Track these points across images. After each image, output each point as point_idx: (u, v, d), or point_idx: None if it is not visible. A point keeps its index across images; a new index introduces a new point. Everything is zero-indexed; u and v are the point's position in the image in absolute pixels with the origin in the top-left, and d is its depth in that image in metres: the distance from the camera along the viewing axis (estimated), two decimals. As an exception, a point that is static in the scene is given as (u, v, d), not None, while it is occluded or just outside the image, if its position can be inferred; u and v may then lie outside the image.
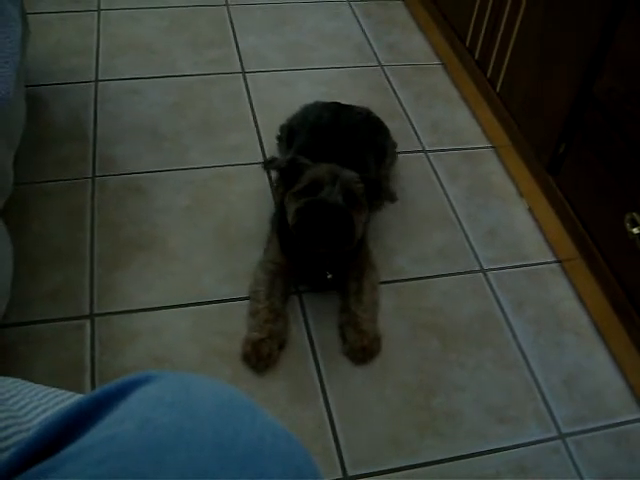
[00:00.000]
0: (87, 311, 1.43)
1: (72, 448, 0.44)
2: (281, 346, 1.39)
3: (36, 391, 0.63)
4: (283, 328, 1.40)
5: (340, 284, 1.48)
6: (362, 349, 1.38)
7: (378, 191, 1.41)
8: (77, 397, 0.63)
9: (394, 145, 1.76)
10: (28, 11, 1.83)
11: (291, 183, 1.38)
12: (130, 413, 0.45)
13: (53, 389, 0.65)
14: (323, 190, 1.32)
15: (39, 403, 0.60)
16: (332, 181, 1.33)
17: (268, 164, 1.47)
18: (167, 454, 0.42)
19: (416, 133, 1.97)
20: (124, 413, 0.46)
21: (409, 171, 1.83)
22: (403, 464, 1.25)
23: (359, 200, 1.36)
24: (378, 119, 1.73)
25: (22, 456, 0.45)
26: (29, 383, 0.65)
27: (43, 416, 0.58)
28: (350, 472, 1.23)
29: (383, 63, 2.22)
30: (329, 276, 1.45)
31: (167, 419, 0.44)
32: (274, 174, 1.46)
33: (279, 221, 1.47)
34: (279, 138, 1.77)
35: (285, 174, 1.40)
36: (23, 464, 0.45)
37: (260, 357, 1.34)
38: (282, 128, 1.76)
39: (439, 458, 1.27)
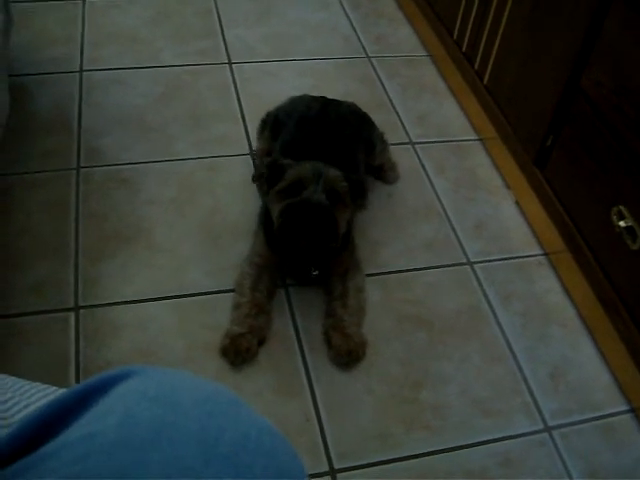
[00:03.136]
0: (72, 304, 1.42)
1: (51, 445, 0.43)
2: (261, 342, 1.38)
3: (19, 385, 0.62)
4: (264, 323, 1.39)
5: (325, 280, 1.48)
6: (348, 353, 1.36)
7: (362, 190, 1.41)
8: (60, 392, 0.62)
9: (381, 135, 1.74)
10: (11, 0, 1.81)
11: (274, 181, 1.37)
12: (111, 408, 0.44)
13: (36, 384, 0.64)
14: (306, 189, 1.32)
15: (21, 398, 0.59)
16: (316, 180, 1.32)
17: (258, 179, 1.47)
18: (149, 450, 0.41)
19: (403, 125, 1.96)
20: (105, 408, 0.45)
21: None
22: (389, 457, 1.25)
23: (343, 198, 1.35)
24: (364, 112, 1.72)
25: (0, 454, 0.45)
26: (12, 377, 0.64)
27: (25, 412, 0.57)
28: (336, 465, 1.23)
29: (370, 55, 2.21)
30: (315, 272, 1.45)
31: (149, 414, 0.43)
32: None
33: (265, 216, 1.46)
34: (264, 121, 1.74)
35: (268, 174, 1.39)
36: (1, 462, 0.44)
37: (238, 352, 1.33)
38: (269, 114, 1.72)
39: (425, 451, 1.27)
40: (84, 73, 1.99)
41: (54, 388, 0.64)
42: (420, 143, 1.91)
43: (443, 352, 1.43)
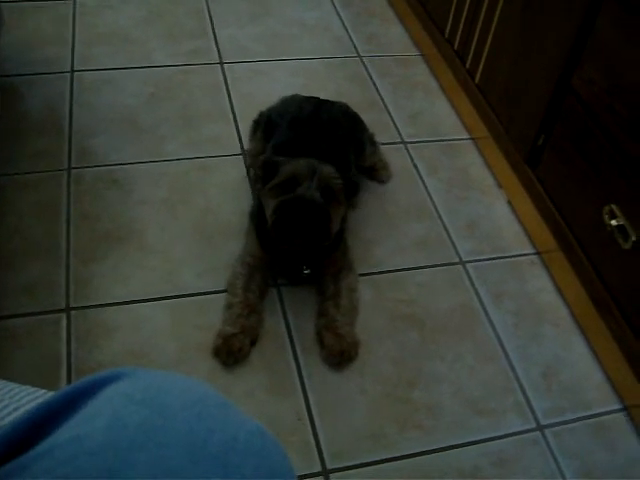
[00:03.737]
0: (63, 305, 1.41)
1: (41, 447, 0.43)
2: (253, 342, 1.38)
3: (8, 389, 0.62)
4: (256, 323, 1.39)
5: (317, 279, 1.47)
6: (340, 353, 1.36)
7: (354, 189, 1.41)
8: (49, 395, 0.61)
9: (371, 136, 1.74)
10: (2, 0, 1.80)
11: (269, 178, 1.37)
12: (100, 411, 0.44)
13: (26, 387, 0.64)
14: (301, 186, 1.31)
15: (11, 401, 0.59)
16: (310, 176, 1.32)
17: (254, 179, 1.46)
18: (137, 453, 0.41)
19: (395, 124, 1.96)
20: (94, 411, 0.45)
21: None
22: (383, 457, 1.25)
23: (337, 196, 1.35)
24: (355, 113, 1.72)
25: (-11, 456, 0.44)
26: (1, 380, 0.64)
27: (14, 414, 0.57)
28: (329, 465, 1.23)
29: (362, 54, 2.21)
30: (306, 271, 1.44)
31: (137, 417, 0.43)
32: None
33: (257, 215, 1.46)
34: (256, 122, 1.74)
35: (263, 171, 1.39)
36: None
37: (231, 352, 1.33)
38: (261, 115, 1.72)
39: (418, 450, 1.27)
40: (75, 73, 1.99)
41: (43, 391, 0.64)
42: (412, 142, 1.91)
43: (436, 351, 1.43)
